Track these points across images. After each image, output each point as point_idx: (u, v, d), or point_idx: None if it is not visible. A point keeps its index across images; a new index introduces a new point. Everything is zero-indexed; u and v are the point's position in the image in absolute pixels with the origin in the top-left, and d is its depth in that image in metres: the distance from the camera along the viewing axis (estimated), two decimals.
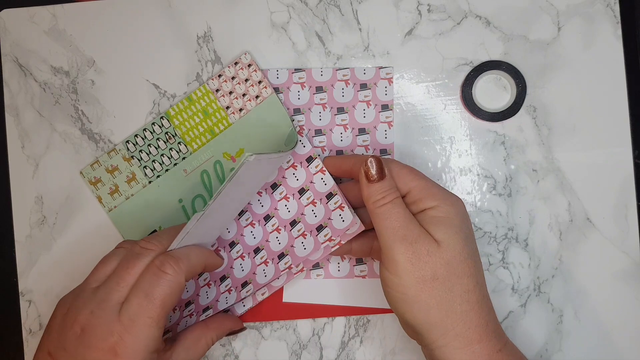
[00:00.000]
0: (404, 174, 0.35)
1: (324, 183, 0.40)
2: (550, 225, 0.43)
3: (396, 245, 0.32)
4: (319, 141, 0.43)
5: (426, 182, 0.35)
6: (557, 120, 0.43)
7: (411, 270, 0.32)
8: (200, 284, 0.42)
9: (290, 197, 0.41)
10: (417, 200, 0.34)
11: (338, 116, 0.43)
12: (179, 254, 0.34)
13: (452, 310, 0.32)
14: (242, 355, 0.43)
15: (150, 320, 0.32)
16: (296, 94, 0.43)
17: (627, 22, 0.43)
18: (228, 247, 0.42)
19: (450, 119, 0.43)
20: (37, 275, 0.44)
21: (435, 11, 0.43)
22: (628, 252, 0.42)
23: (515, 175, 0.43)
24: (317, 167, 0.41)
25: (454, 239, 0.33)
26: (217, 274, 0.41)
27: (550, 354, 0.42)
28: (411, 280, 0.32)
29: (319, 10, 0.44)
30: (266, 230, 0.41)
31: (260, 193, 0.42)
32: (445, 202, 0.34)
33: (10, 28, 0.45)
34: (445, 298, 0.32)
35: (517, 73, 0.42)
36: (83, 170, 0.44)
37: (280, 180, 0.41)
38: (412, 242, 0.32)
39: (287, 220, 0.41)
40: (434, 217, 0.33)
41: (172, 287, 0.32)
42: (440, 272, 0.32)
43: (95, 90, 0.45)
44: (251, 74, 0.43)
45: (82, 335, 0.31)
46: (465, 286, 0.32)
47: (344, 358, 0.43)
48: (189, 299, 0.42)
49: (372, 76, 0.43)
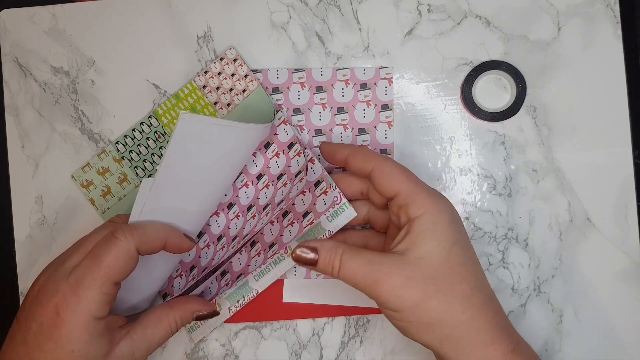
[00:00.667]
0: (394, 176, 0.34)
1: (313, 172, 0.40)
2: (550, 225, 0.43)
3: (374, 289, 0.32)
4: (319, 141, 0.43)
5: (415, 186, 0.34)
6: (557, 120, 0.43)
7: (400, 302, 0.32)
8: (208, 283, 0.42)
9: (270, 184, 0.41)
10: (404, 206, 0.34)
11: (338, 116, 0.43)
12: (135, 225, 0.35)
13: (457, 320, 0.32)
14: (242, 355, 0.43)
15: (94, 282, 0.32)
16: (296, 94, 0.43)
17: (627, 22, 0.43)
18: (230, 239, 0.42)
19: (450, 119, 0.43)
20: (37, 275, 0.44)
21: (435, 11, 0.43)
22: (628, 252, 0.42)
23: (515, 175, 0.43)
24: (295, 151, 0.40)
25: (436, 251, 0.32)
26: (215, 268, 0.41)
27: (550, 354, 0.42)
28: (406, 308, 0.32)
29: (319, 10, 0.44)
30: (262, 220, 0.41)
31: (248, 185, 0.41)
32: (432, 209, 0.33)
33: (10, 28, 0.45)
34: (446, 311, 0.32)
35: (517, 73, 0.42)
36: (74, 174, 0.44)
37: (264, 170, 0.41)
38: (386, 278, 0.32)
39: (280, 211, 0.40)
40: (418, 231, 0.33)
41: (119, 253, 0.33)
42: (430, 289, 0.32)
43: (95, 90, 0.45)
44: (237, 68, 0.43)
45: (37, 295, 0.34)
46: (462, 292, 0.32)
47: (344, 358, 0.43)
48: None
49: (372, 76, 0.43)
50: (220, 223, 0.42)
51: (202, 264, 0.41)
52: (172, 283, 0.42)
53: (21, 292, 0.44)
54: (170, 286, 0.42)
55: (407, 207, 0.34)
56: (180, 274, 0.42)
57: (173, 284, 0.42)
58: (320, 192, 0.39)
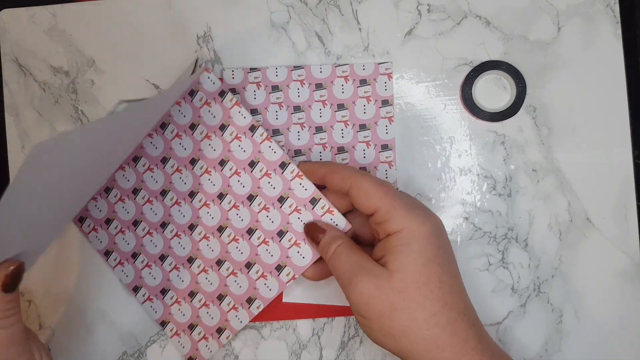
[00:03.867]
0: (372, 192, 0.34)
1: (303, 189, 0.39)
2: (550, 225, 0.43)
3: (347, 290, 0.34)
4: (320, 138, 0.43)
5: (394, 201, 0.34)
6: (557, 120, 0.43)
7: (367, 309, 0.33)
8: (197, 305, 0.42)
9: (270, 206, 0.40)
10: (383, 222, 0.34)
11: (338, 113, 0.43)
12: None
13: (420, 336, 0.32)
14: (241, 355, 0.43)
15: None
16: (296, 92, 0.43)
17: (627, 22, 0.43)
18: (216, 266, 0.42)
19: (450, 119, 0.43)
20: (37, 275, 0.44)
21: (435, 11, 0.43)
22: (628, 252, 0.42)
23: (515, 175, 0.43)
24: (292, 172, 0.40)
25: (409, 267, 0.32)
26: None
27: (550, 354, 0.42)
28: (372, 317, 0.33)
29: (318, 10, 0.44)
30: (252, 244, 0.41)
31: (238, 206, 0.41)
32: (410, 225, 0.33)
33: (10, 28, 0.45)
34: (410, 326, 0.32)
35: (517, 73, 0.42)
36: None
37: (256, 191, 0.40)
38: (359, 283, 0.33)
39: (273, 231, 0.40)
40: (394, 246, 0.33)
41: None
42: (397, 302, 0.32)
43: (95, 90, 0.45)
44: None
45: None
46: (430, 309, 0.32)
47: (344, 358, 0.43)
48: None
49: (371, 72, 0.43)
50: (185, 213, 0.42)
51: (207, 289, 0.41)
52: (140, 274, 0.43)
53: (21, 292, 0.44)
54: (139, 277, 0.42)
55: (386, 224, 0.34)
56: (148, 264, 0.42)
57: (141, 275, 0.42)
58: (323, 211, 0.39)
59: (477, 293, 0.42)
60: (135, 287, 0.43)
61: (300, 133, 0.43)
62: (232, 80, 0.43)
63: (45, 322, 0.44)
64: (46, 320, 0.44)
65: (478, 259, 0.43)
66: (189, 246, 0.42)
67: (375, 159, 0.43)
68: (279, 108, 0.43)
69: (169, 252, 0.42)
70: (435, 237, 0.33)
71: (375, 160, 0.43)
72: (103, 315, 0.44)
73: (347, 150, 0.43)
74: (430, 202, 0.43)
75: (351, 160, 0.43)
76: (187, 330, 0.42)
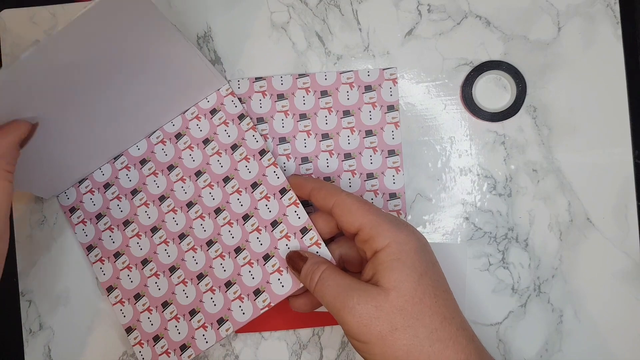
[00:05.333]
0: (355, 209, 0.34)
1: (297, 216, 0.40)
2: (550, 226, 0.43)
3: (342, 315, 0.32)
4: (326, 145, 0.43)
5: (377, 217, 0.33)
6: (557, 120, 0.43)
7: (367, 331, 0.31)
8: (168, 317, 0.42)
9: (262, 229, 0.40)
10: (368, 240, 0.33)
11: (344, 119, 0.43)
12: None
13: (425, 354, 0.31)
14: (242, 355, 0.43)
15: None
16: (301, 100, 0.43)
17: (627, 22, 0.43)
18: (196, 279, 0.42)
19: (450, 119, 0.43)
20: (37, 275, 0.44)
21: (435, 11, 0.43)
22: (628, 252, 0.42)
23: (515, 175, 0.43)
24: (290, 199, 0.40)
25: (404, 283, 0.32)
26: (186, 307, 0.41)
27: (550, 354, 0.42)
28: (372, 339, 0.31)
29: (319, 10, 0.44)
30: (237, 263, 0.41)
31: (232, 224, 0.41)
32: (397, 239, 0.33)
33: (10, 28, 0.45)
34: (412, 345, 0.31)
35: (517, 73, 0.42)
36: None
37: (252, 212, 0.41)
38: (355, 305, 0.32)
39: (260, 254, 0.40)
40: (385, 262, 0.32)
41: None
42: (398, 321, 0.31)
43: None
44: None
45: None
46: (431, 325, 0.31)
47: (343, 358, 0.43)
48: None
49: (376, 77, 0.43)
50: (179, 222, 0.42)
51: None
52: (117, 275, 0.42)
53: (21, 292, 0.44)
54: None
55: (372, 240, 0.33)
56: (128, 266, 0.42)
57: (119, 275, 0.42)
58: (311, 242, 0.39)
59: (477, 293, 0.42)
60: (110, 287, 0.42)
61: (306, 140, 0.43)
62: (238, 90, 0.43)
63: (45, 322, 0.44)
64: (46, 320, 0.44)
65: (478, 259, 0.43)
66: (174, 255, 0.42)
67: (382, 164, 0.43)
68: (284, 116, 0.43)
69: (153, 258, 0.42)
70: (422, 252, 0.33)
71: (382, 166, 0.43)
72: (103, 315, 0.44)
73: (354, 157, 0.43)
74: (431, 202, 0.43)
75: (358, 166, 0.43)
76: (151, 341, 0.41)
